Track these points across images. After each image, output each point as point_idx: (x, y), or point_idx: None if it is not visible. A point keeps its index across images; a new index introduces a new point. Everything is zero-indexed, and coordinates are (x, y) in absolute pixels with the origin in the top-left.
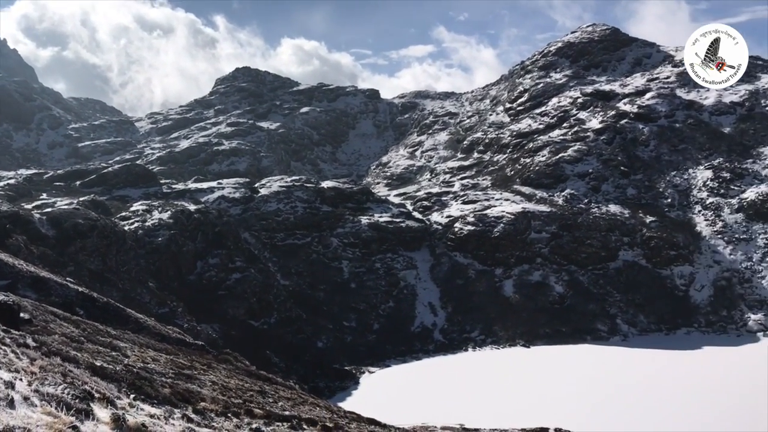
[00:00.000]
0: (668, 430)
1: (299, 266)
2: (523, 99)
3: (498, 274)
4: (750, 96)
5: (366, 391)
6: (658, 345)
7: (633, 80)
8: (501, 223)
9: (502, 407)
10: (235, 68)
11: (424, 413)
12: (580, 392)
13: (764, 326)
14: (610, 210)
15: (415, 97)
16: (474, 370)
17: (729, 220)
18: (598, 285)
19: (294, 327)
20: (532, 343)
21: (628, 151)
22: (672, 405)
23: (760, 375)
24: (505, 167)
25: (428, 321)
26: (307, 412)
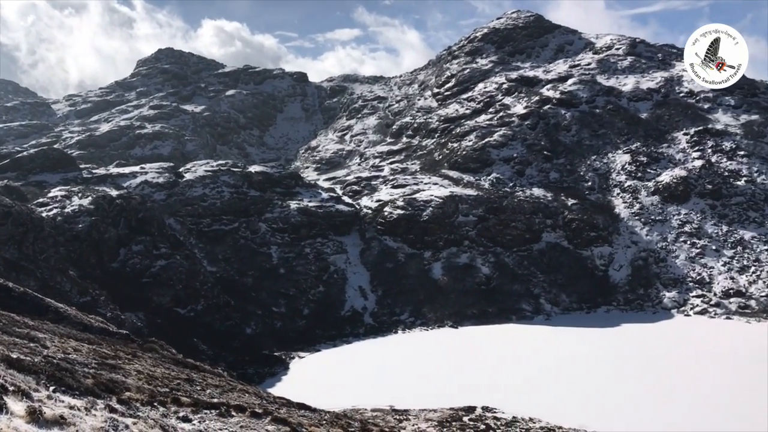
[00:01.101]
0: (590, 405)
1: (226, 252)
2: (450, 84)
3: (427, 257)
4: (665, 83)
5: (296, 377)
6: (580, 323)
7: (556, 67)
8: (430, 207)
9: (432, 388)
10: (158, 49)
11: (354, 396)
12: (507, 371)
13: (678, 303)
14: (534, 193)
15: (343, 80)
16: (404, 352)
17: (645, 202)
18: (523, 266)
19: (222, 314)
20: (460, 324)
21: (551, 135)
22: (593, 380)
23: (674, 349)
24: (433, 152)
25: (358, 305)
26: (236, 398)
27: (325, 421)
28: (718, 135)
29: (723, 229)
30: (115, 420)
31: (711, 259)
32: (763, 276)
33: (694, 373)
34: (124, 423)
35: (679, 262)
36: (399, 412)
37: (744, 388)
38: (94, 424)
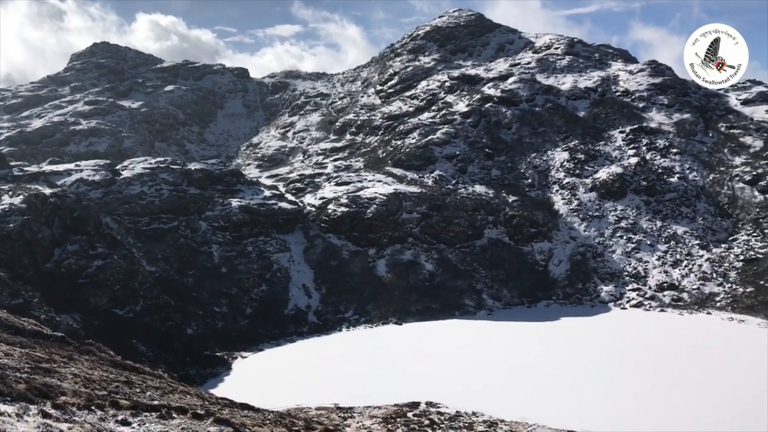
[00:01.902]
0: (531, 398)
1: (166, 251)
2: (393, 82)
3: (371, 255)
4: (602, 82)
5: (239, 377)
6: (521, 318)
7: (497, 65)
8: (374, 205)
9: (376, 385)
10: (93, 43)
11: (298, 395)
12: (450, 366)
13: (614, 297)
14: (476, 190)
15: (285, 77)
16: (348, 350)
17: (583, 198)
18: (466, 262)
19: (162, 314)
20: (404, 321)
21: (492, 133)
22: (534, 374)
23: (611, 341)
24: (377, 149)
25: (302, 303)
26: (177, 400)
27: (268, 420)
28: (653, 133)
29: (657, 224)
30: (49, 425)
31: (646, 253)
32: (695, 270)
33: (632, 365)
34: (58, 428)
35: (615, 256)
36: (343, 409)
37: (679, 378)
38: (27, 430)
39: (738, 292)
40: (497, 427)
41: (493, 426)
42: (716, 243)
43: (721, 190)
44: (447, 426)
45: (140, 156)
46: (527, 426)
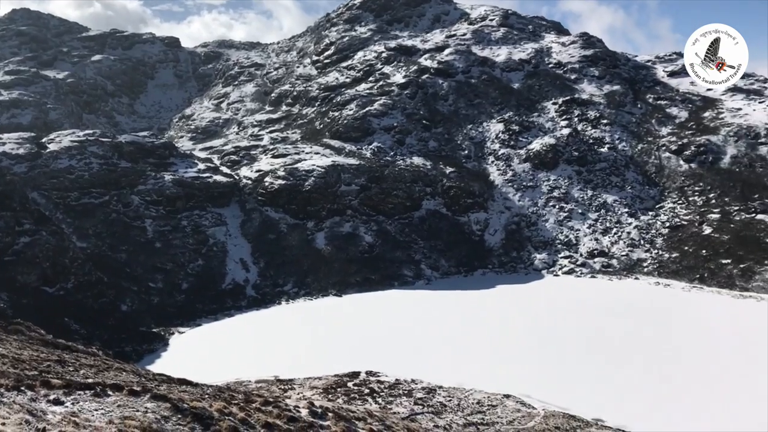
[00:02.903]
0: (468, 365)
1: (97, 227)
2: (329, 52)
3: (310, 227)
4: (536, 54)
5: (177, 352)
6: (458, 286)
7: (433, 36)
8: (312, 177)
9: (317, 356)
10: (12, 9)
11: (238, 369)
12: (390, 335)
13: (548, 264)
14: (414, 162)
15: (218, 46)
16: (288, 323)
17: (518, 169)
18: (404, 233)
19: (95, 291)
20: (344, 292)
21: (429, 105)
22: (471, 340)
23: (544, 307)
24: (314, 120)
25: (240, 277)
26: (112, 378)
27: (207, 395)
28: (584, 104)
29: (588, 193)
30: None
31: (577, 222)
32: (623, 237)
33: (564, 330)
34: None
35: (548, 225)
36: (284, 381)
37: (608, 340)
38: None
39: (664, 257)
40: (435, 393)
41: (431, 392)
42: (644, 211)
43: (648, 159)
44: (387, 394)
45: (67, 128)
46: (464, 391)
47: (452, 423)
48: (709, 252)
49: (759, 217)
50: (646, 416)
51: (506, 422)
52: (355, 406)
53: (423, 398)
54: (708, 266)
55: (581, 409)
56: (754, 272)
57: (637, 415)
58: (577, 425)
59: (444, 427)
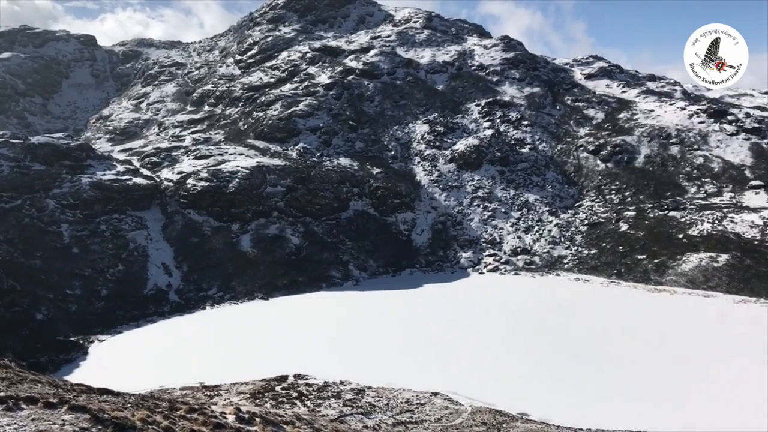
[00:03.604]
0: (396, 364)
1: (9, 232)
2: (253, 52)
3: (235, 230)
4: (459, 56)
5: (97, 362)
6: (386, 286)
7: (358, 37)
8: (236, 178)
9: (243, 361)
10: None
11: (162, 376)
12: (318, 338)
13: (473, 262)
14: (341, 163)
15: (137, 45)
16: (213, 328)
17: (443, 169)
18: (332, 234)
19: (6, 300)
20: (271, 295)
21: (355, 106)
22: (400, 340)
23: (470, 304)
24: (238, 121)
25: (162, 282)
26: (26, 390)
27: (129, 404)
28: (506, 106)
29: (511, 193)
30: None
31: (501, 220)
32: (545, 235)
33: (489, 326)
34: None
35: (473, 224)
36: (210, 388)
37: (531, 335)
38: None
39: (583, 254)
40: (365, 393)
41: (360, 393)
42: (564, 209)
43: (567, 159)
44: (315, 397)
45: None
46: (393, 390)
47: (381, 423)
48: (625, 248)
49: (671, 214)
50: (569, 409)
51: (434, 420)
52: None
53: (352, 399)
54: (624, 262)
55: (507, 404)
56: (667, 267)
57: (560, 409)
58: (503, 420)
59: (373, 427)
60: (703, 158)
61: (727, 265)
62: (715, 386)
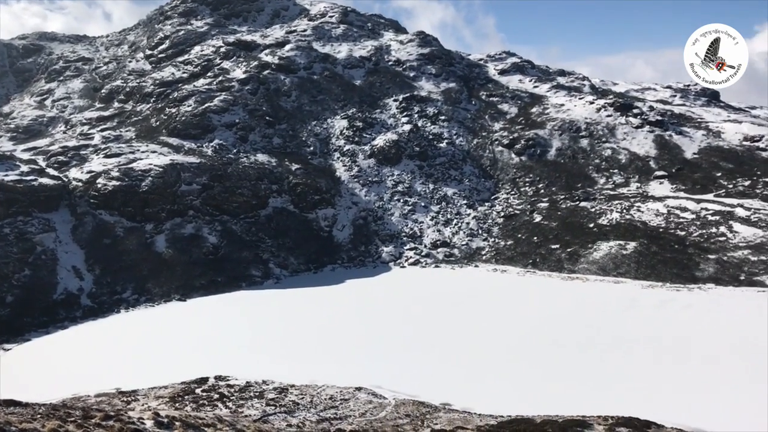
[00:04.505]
0: (318, 361)
1: None
2: (164, 46)
3: (149, 230)
4: (376, 51)
5: (2, 372)
6: (308, 283)
7: (273, 32)
8: (149, 177)
9: (161, 365)
10: None
11: (75, 384)
12: (239, 338)
13: (394, 256)
14: (259, 159)
15: (39, 38)
16: (128, 332)
17: (363, 165)
18: (251, 232)
19: None
20: (189, 297)
21: (272, 101)
22: (321, 336)
23: (391, 298)
24: (149, 117)
25: (73, 286)
26: None
27: (39, 415)
28: (423, 101)
29: (430, 187)
30: None
31: (421, 214)
32: (463, 227)
33: (411, 319)
34: None
35: (394, 219)
36: (126, 393)
37: (453, 325)
38: None
39: (500, 245)
40: (288, 392)
41: (283, 392)
42: (481, 202)
43: (483, 153)
44: (237, 397)
45: None
46: (317, 388)
47: (305, 420)
48: (539, 238)
49: (582, 205)
50: (490, 397)
51: (359, 414)
52: (204, 412)
53: (275, 398)
54: (539, 252)
55: (430, 395)
56: (579, 255)
57: (482, 397)
58: (426, 411)
59: (297, 425)
60: (611, 150)
61: (635, 253)
62: (628, 367)
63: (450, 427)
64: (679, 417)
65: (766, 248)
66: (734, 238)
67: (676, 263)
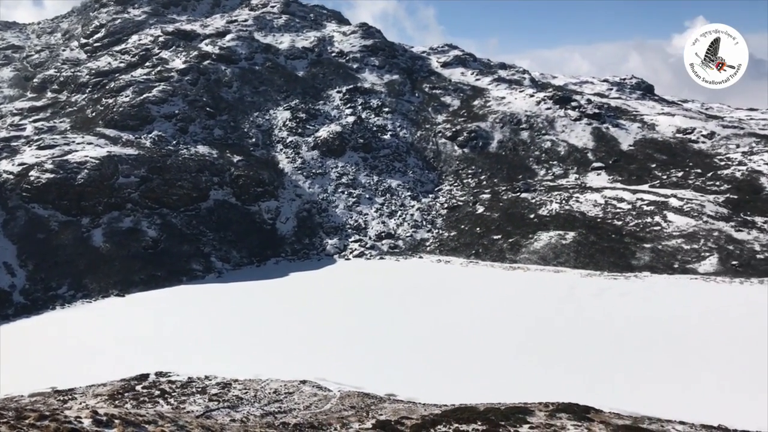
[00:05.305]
0: (263, 354)
1: None
2: (100, 35)
3: (85, 224)
4: (318, 43)
5: None
6: (251, 277)
7: (213, 21)
8: (85, 169)
9: (100, 362)
10: None
11: (7, 385)
12: (180, 333)
13: (339, 249)
14: (199, 151)
15: None
16: (64, 329)
17: (307, 156)
18: (192, 226)
19: None
20: (128, 292)
21: (212, 92)
22: (265, 330)
23: (336, 290)
24: (85, 108)
25: (5, 283)
26: None
27: None
28: (366, 93)
29: (374, 179)
30: None
31: (365, 206)
32: (408, 219)
33: (356, 310)
34: None
35: (338, 211)
36: (63, 392)
37: (396, 317)
38: None
39: (444, 236)
40: (231, 387)
41: (227, 387)
42: (425, 194)
43: (427, 145)
44: (179, 393)
45: None
46: (261, 382)
47: (249, 415)
48: (482, 229)
49: (523, 196)
50: (434, 387)
51: (303, 407)
52: (145, 409)
53: (218, 394)
54: (482, 242)
55: (375, 386)
56: (520, 246)
57: (426, 387)
58: (372, 402)
59: (241, 420)
60: (550, 142)
61: (574, 242)
62: (567, 354)
63: (395, 417)
64: (617, 402)
65: (697, 237)
66: (668, 228)
67: (613, 252)
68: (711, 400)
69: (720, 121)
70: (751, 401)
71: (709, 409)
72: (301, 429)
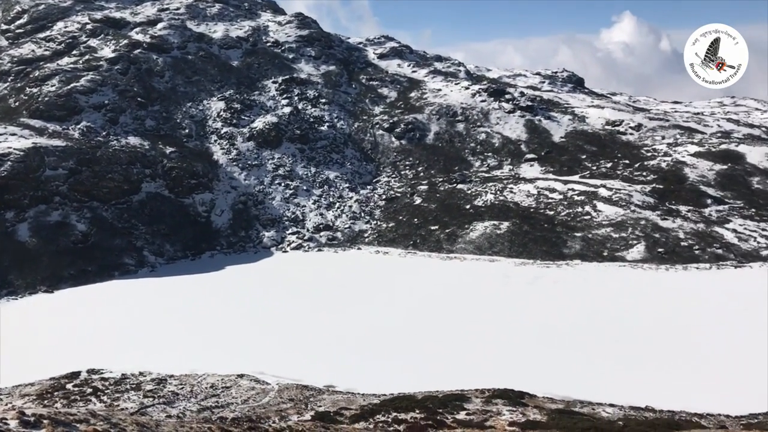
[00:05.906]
0: (201, 348)
1: None
2: (22, 21)
3: (10, 218)
4: (253, 32)
5: None
6: (185, 271)
7: (144, 9)
8: (8, 162)
9: (26, 362)
10: None
11: None
12: (112, 329)
13: (276, 241)
14: (130, 142)
15: None
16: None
17: (242, 148)
18: (123, 219)
19: None
20: (56, 288)
21: (144, 81)
22: (201, 324)
23: (272, 283)
24: (8, 98)
25: None
26: None
27: None
28: (303, 84)
29: (312, 170)
30: None
31: (303, 198)
32: (346, 210)
33: (292, 302)
34: None
35: (275, 203)
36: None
37: (334, 308)
38: None
39: (382, 227)
40: (166, 383)
41: (162, 383)
42: (363, 185)
43: (365, 137)
44: (113, 391)
45: None
46: (197, 377)
47: (186, 410)
48: (420, 220)
49: (459, 187)
50: (373, 378)
51: (241, 401)
52: (76, 408)
53: (153, 390)
54: (420, 233)
55: (313, 378)
56: (457, 236)
57: (365, 378)
58: (310, 394)
59: (177, 415)
60: (485, 134)
61: (508, 232)
62: (502, 341)
63: (334, 408)
64: (551, 387)
65: (625, 226)
66: (598, 217)
67: (546, 241)
68: (639, 383)
69: (647, 114)
70: (676, 381)
71: (638, 392)
72: (239, 423)
